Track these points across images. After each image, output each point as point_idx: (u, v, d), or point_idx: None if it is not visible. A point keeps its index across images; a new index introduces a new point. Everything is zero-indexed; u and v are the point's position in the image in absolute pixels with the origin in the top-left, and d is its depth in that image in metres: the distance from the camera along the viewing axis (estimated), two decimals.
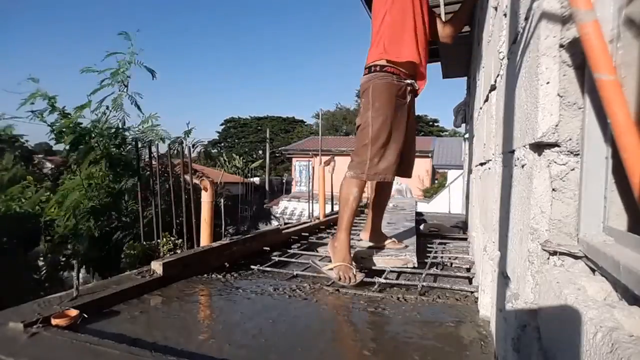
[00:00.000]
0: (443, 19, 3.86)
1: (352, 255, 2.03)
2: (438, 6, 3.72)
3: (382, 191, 2.40)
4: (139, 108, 4.83)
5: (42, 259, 4.34)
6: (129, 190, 4.45)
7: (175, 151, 4.77)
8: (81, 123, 4.45)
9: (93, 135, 4.43)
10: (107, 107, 4.63)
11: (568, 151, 0.66)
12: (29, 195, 4.67)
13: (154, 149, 3.98)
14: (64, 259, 4.33)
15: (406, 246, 2.39)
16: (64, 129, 4.26)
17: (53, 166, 5.72)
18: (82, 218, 3.99)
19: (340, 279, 1.85)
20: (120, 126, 4.76)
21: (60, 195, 4.14)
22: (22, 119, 4.50)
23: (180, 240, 3.43)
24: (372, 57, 2.04)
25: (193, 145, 4.51)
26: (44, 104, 4.34)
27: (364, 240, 2.43)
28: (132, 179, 4.41)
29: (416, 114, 2.29)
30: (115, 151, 4.59)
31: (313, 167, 5.49)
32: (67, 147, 4.31)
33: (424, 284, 1.83)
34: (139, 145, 4.65)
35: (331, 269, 1.92)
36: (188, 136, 5.09)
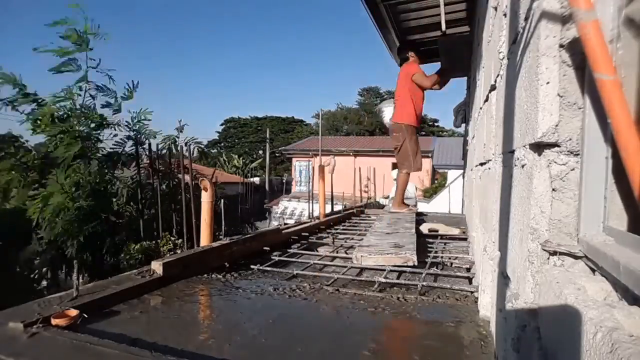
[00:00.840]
0: (443, 19, 3.87)
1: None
2: (438, 6, 3.72)
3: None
4: (110, 77, 4.25)
5: (36, 258, 4.26)
6: (121, 192, 4.26)
7: (169, 150, 4.60)
8: (59, 112, 4.00)
9: (75, 122, 4.00)
10: (80, 87, 4.10)
11: (568, 151, 0.66)
12: (14, 195, 4.45)
13: (145, 147, 3.88)
14: (49, 258, 4.20)
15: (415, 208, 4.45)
16: (39, 118, 3.86)
17: (36, 157, 5.29)
18: (66, 222, 3.76)
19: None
20: (93, 107, 4.23)
21: (44, 195, 3.77)
22: None
23: (180, 240, 3.43)
24: (406, 118, 4.30)
25: (186, 144, 4.32)
26: (10, 91, 3.93)
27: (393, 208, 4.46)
28: (120, 183, 4.20)
29: None
30: (93, 135, 4.22)
31: (313, 167, 5.48)
32: (48, 137, 3.99)
33: (424, 283, 1.83)
34: (130, 143, 4.40)
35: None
36: (181, 132, 4.83)
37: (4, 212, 4.30)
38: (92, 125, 4.18)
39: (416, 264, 2.13)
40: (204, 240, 2.36)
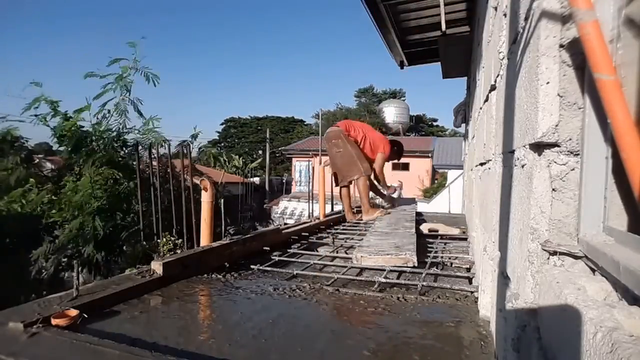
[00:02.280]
0: (443, 19, 3.87)
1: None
2: (438, 6, 3.72)
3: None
4: (140, 114, 4.94)
5: (44, 260, 4.33)
6: (132, 191, 4.47)
7: (178, 152, 4.81)
8: (82, 126, 4.50)
9: (94, 137, 4.47)
10: (109, 111, 4.71)
11: (568, 151, 0.66)
12: (32, 198, 4.69)
13: (153, 151, 3.99)
14: (65, 260, 4.32)
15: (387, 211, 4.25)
16: (65, 132, 4.31)
17: (53, 167, 5.74)
18: (88, 215, 4.03)
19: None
20: (121, 129, 4.81)
21: (66, 197, 4.18)
22: (24, 122, 4.58)
23: (180, 240, 3.42)
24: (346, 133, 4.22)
25: (201, 150, 4.64)
26: (47, 108, 4.43)
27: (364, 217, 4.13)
28: (133, 181, 4.43)
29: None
30: (115, 154, 4.63)
31: (313, 167, 5.48)
32: (69, 149, 4.35)
33: (424, 283, 1.83)
34: (139, 148, 4.71)
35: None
36: (195, 139, 5.20)
37: (14, 215, 4.39)
38: (116, 145, 4.58)
39: (416, 264, 2.13)
40: (204, 240, 2.36)
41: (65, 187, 4.32)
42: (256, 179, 22.52)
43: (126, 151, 4.90)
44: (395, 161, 4.91)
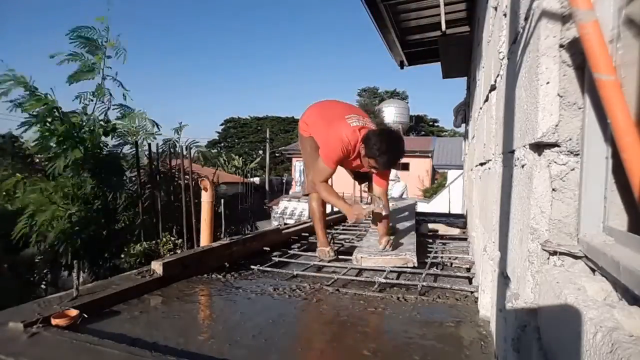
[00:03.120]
0: (443, 19, 3.87)
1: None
2: (438, 6, 3.72)
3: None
4: (123, 87, 4.40)
5: (37, 260, 4.27)
6: (122, 204, 4.21)
7: (169, 151, 4.61)
8: (74, 111, 4.10)
9: (84, 126, 4.07)
10: (92, 94, 4.22)
11: (568, 151, 0.66)
12: (18, 195, 4.47)
13: (153, 149, 3.94)
14: (51, 260, 4.21)
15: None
16: (48, 120, 3.85)
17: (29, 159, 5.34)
18: (59, 232, 3.65)
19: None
20: (104, 117, 4.35)
21: (27, 215, 3.73)
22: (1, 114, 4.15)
23: (180, 240, 3.43)
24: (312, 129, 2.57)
25: (186, 147, 4.31)
26: (19, 93, 3.89)
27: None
28: (118, 191, 4.14)
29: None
30: (99, 142, 4.27)
31: None
32: (57, 141, 3.97)
33: (424, 284, 1.83)
34: (128, 144, 4.43)
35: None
36: (179, 134, 4.73)
37: (5, 213, 4.31)
38: (101, 131, 4.25)
39: (416, 265, 2.13)
40: (204, 240, 2.36)
41: (22, 195, 3.97)
42: (256, 179, 22.53)
43: (112, 143, 4.43)
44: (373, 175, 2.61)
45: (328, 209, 3.59)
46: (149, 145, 4.10)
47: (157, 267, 1.77)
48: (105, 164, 4.19)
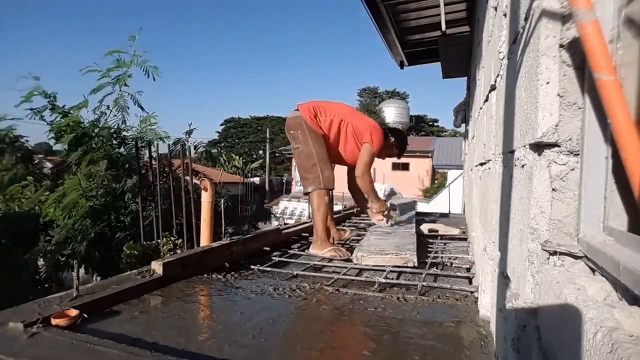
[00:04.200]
0: (443, 19, 3.87)
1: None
2: (438, 6, 3.72)
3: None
4: (141, 107, 4.84)
5: (42, 259, 4.33)
6: (129, 189, 4.43)
7: (177, 152, 4.74)
8: (82, 122, 4.45)
9: (93, 135, 4.42)
10: (108, 107, 4.63)
11: (568, 151, 0.66)
12: (28, 195, 4.66)
13: (153, 148, 3.97)
14: (63, 259, 4.31)
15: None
16: (63, 128, 4.26)
17: (52, 166, 5.73)
18: (79, 218, 3.99)
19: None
20: (120, 126, 4.76)
21: (58, 194, 4.14)
22: (22, 119, 4.52)
23: (180, 240, 3.43)
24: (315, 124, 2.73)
25: (195, 147, 4.49)
26: (43, 102, 4.32)
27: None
28: (131, 180, 4.40)
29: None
30: (114, 152, 4.58)
31: None
32: (66, 147, 4.31)
33: (424, 284, 1.83)
34: (139, 145, 4.65)
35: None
36: (190, 136, 5.07)
37: (12, 215, 4.38)
38: (115, 142, 4.51)
39: (416, 264, 2.13)
40: (204, 240, 2.36)
41: (60, 187, 4.30)
42: (256, 179, 22.52)
43: (125, 148, 4.84)
44: (395, 160, 3.32)
45: None
46: (149, 145, 4.20)
47: (157, 267, 1.77)
48: (119, 166, 4.44)
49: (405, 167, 19.06)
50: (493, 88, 1.48)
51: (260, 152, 34.28)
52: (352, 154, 2.85)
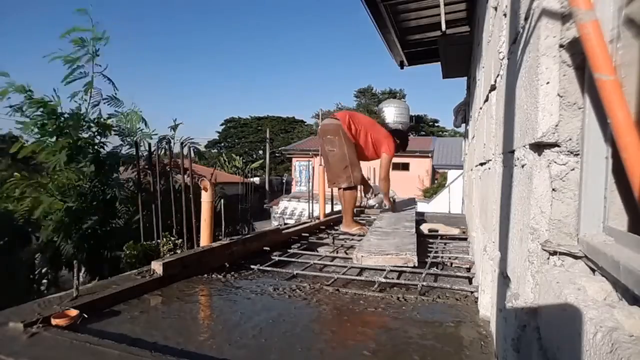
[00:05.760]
0: (443, 19, 3.88)
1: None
2: (438, 6, 3.72)
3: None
4: (113, 84, 4.60)
5: (36, 258, 4.30)
6: (121, 201, 4.34)
7: (163, 150, 4.64)
8: (63, 113, 4.27)
9: (62, 124, 4.22)
10: (85, 92, 4.41)
11: (568, 151, 0.66)
12: (16, 194, 4.57)
13: (152, 148, 3.96)
14: (51, 258, 4.26)
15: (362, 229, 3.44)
16: (46, 122, 4.09)
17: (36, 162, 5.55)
18: (58, 222, 3.86)
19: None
20: (96, 113, 4.54)
21: (30, 202, 3.97)
22: (4, 117, 4.43)
23: (180, 240, 3.42)
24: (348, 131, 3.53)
25: (182, 144, 4.35)
26: (20, 97, 4.16)
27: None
28: (115, 188, 4.28)
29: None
30: (84, 139, 4.36)
31: (313, 167, 5.47)
32: (52, 140, 4.16)
33: (424, 283, 1.83)
34: (126, 143, 4.60)
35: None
36: (174, 131, 4.85)
37: (4, 213, 4.34)
38: (93, 129, 4.38)
39: (416, 264, 2.13)
40: (204, 240, 2.36)
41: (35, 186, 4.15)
42: (256, 179, 22.54)
43: (95, 132, 4.56)
44: (399, 155, 4.25)
45: (327, 209, 4.39)
46: (149, 145, 4.17)
47: (157, 267, 1.77)
48: (103, 163, 4.33)
49: (405, 167, 19.04)
50: (493, 88, 1.48)
51: (260, 152, 34.30)
52: (370, 156, 3.79)
